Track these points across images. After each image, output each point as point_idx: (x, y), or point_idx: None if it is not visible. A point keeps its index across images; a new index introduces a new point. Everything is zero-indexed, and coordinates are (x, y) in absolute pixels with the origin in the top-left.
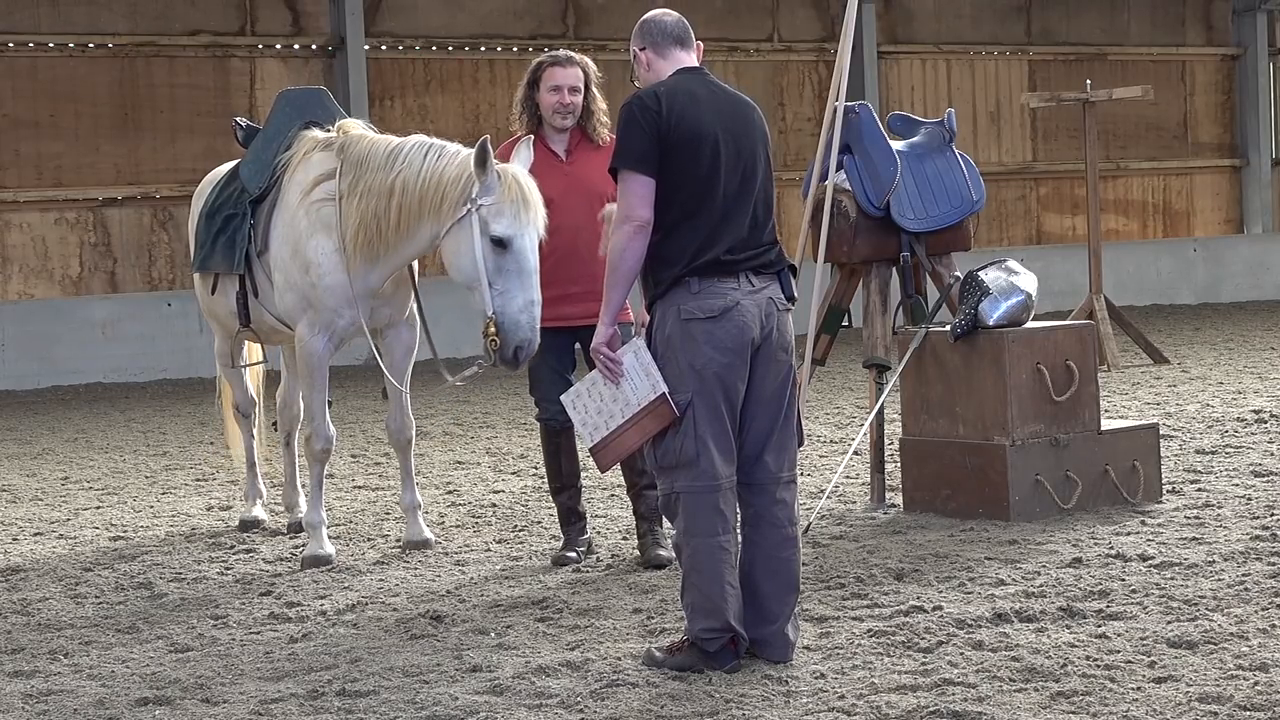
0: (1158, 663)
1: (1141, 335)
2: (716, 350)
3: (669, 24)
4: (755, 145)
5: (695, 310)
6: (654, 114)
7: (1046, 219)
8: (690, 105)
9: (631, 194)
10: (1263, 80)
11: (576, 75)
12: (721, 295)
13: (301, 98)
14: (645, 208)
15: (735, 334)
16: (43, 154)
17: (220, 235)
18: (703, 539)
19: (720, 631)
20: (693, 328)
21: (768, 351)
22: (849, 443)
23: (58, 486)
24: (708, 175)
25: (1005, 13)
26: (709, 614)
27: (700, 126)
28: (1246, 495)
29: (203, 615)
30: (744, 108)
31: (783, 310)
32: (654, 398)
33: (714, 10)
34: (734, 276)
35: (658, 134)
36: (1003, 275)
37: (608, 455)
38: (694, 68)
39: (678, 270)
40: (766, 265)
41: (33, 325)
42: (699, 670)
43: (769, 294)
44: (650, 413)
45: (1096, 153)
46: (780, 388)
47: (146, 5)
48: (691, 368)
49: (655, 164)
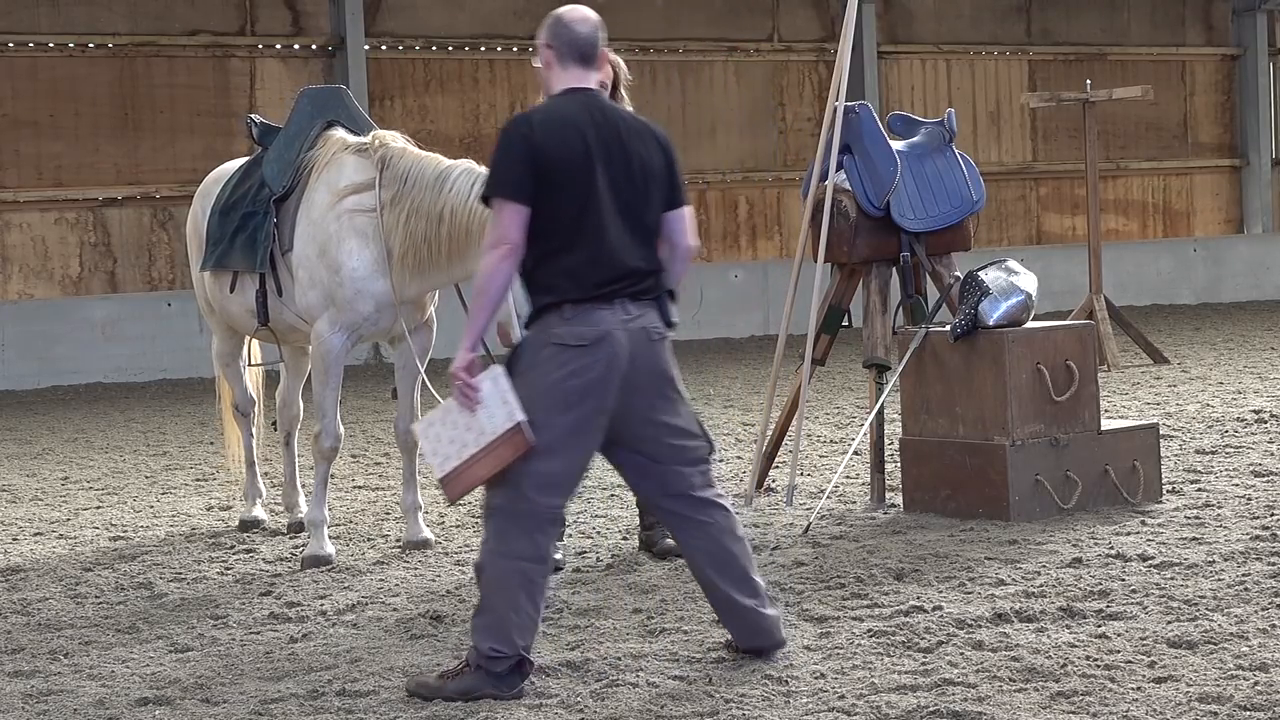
0: (1158, 663)
1: (1141, 335)
2: (579, 379)
3: (580, 38)
4: (642, 173)
5: (566, 336)
6: (528, 141)
7: (1046, 219)
8: (567, 132)
9: (503, 219)
10: (1263, 80)
11: (605, 72)
12: (594, 324)
13: (322, 96)
14: (517, 232)
15: (602, 363)
16: (43, 154)
17: (239, 233)
18: (508, 560)
19: (507, 655)
20: (561, 353)
21: (640, 378)
22: (849, 443)
23: (58, 486)
24: (584, 203)
25: (1005, 13)
26: (499, 635)
27: (576, 155)
28: (1246, 495)
29: (203, 615)
30: (636, 135)
31: (657, 339)
32: (510, 426)
33: (714, 10)
34: (609, 304)
35: (532, 160)
36: (1003, 275)
37: (457, 486)
38: (584, 89)
39: (553, 297)
40: (644, 292)
41: (33, 325)
42: (481, 694)
43: (643, 322)
44: (506, 442)
45: (1096, 153)
46: (665, 409)
47: (146, 5)
48: (549, 393)
49: (529, 191)
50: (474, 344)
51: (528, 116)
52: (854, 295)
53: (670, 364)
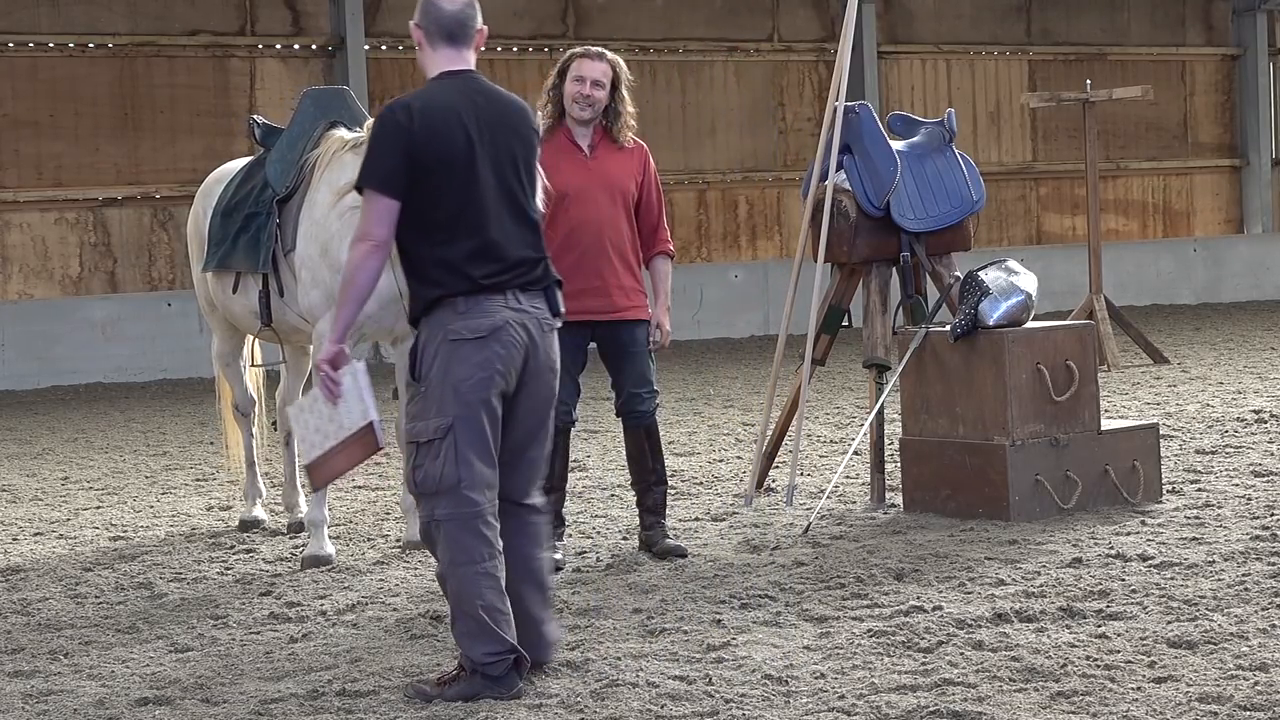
0: (1158, 663)
1: (1141, 335)
2: (483, 371)
3: (446, 16)
4: (519, 158)
5: (463, 330)
6: (405, 130)
7: (1046, 219)
8: (447, 119)
9: (371, 213)
10: (1263, 80)
11: (603, 70)
12: (488, 315)
13: (325, 97)
14: (383, 228)
15: (502, 354)
16: (43, 154)
17: (241, 234)
18: (468, 567)
19: (504, 654)
20: (460, 348)
21: (534, 369)
22: (849, 443)
23: (58, 486)
24: (467, 192)
25: (1005, 13)
26: (489, 638)
27: (457, 143)
28: (1246, 495)
29: (203, 615)
30: (512, 116)
31: (549, 330)
32: (362, 425)
33: (714, 10)
34: (501, 294)
35: (408, 152)
36: (1003, 275)
37: (320, 474)
38: (460, 71)
39: (442, 290)
40: (534, 282)
41: (33, 325)
42: (480, 698)
43: (535, 312)
44: (358, 440)
45: (1096, 153)
46: (543, 405)
47: (146, 5)
48: (456, 390)
49: (400, 184)
50: (340, 336)
51: (407, 104)
52: (854, 295)
53: (558, 358)
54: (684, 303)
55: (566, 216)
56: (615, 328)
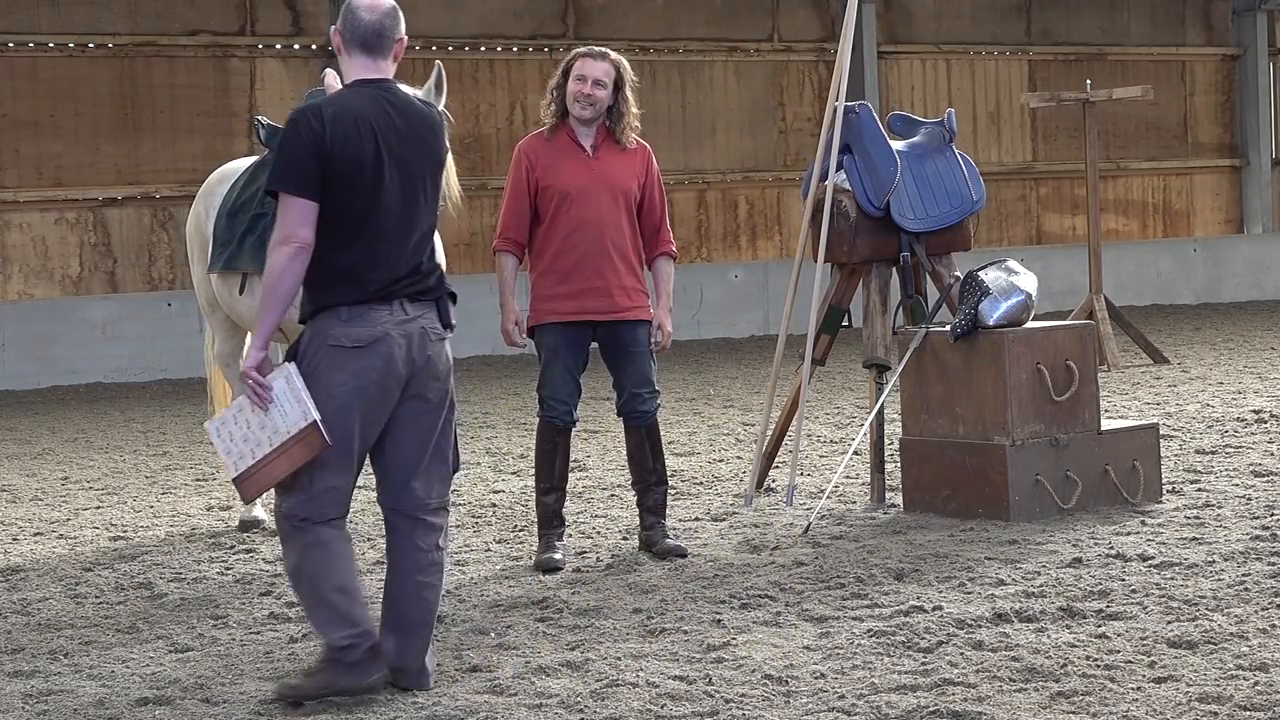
0: (1158, 663)
1: (1141, 335)
2: (358, 380)
3: (362, 26)
4: (425, 169)
5: (342, 338)
6: (317, 135)
7: (1046, 219)
8: (355, 129)
9: (292, 215)
10: (1263, 80)
11: (605, 70)
12: (370, 325)
13: None
14: (305, 229)
15: (380, 365)
16: (43, 154)
17: (248, 235)
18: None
19: (358, 638)
20: (337, 355)
21: (419, 381)
22: (849, 443)
23: (58, 486)
24: (368, 203)
25: (1005, 13)
26: (340, 621)
27: (363, 153)
28: (1246, 495)
29: (203, 615)
30: (421, 129)
31: (436, 340)
32: (305, 425)
33: (714, 10)
34: (387, 304)
35: (320, 156)
36: (1003, 275)
37: (251, 486)
38: (373, 80)
39: (331, 297)
40: (424, 292)
41: (33, 325)
42: (339, 690)
43: (423, 323)
44: (301, 441)
45: (1096, 153)
46: (431, 416)
47: (146, 5)
48: (328, 395)
49: (316, 186)
50: (264, 343)
51: (319, 109)
52: (854, 295)
53: (449, 368)
54: (684, 303)
55: (568, 216)
56: (616, 328)
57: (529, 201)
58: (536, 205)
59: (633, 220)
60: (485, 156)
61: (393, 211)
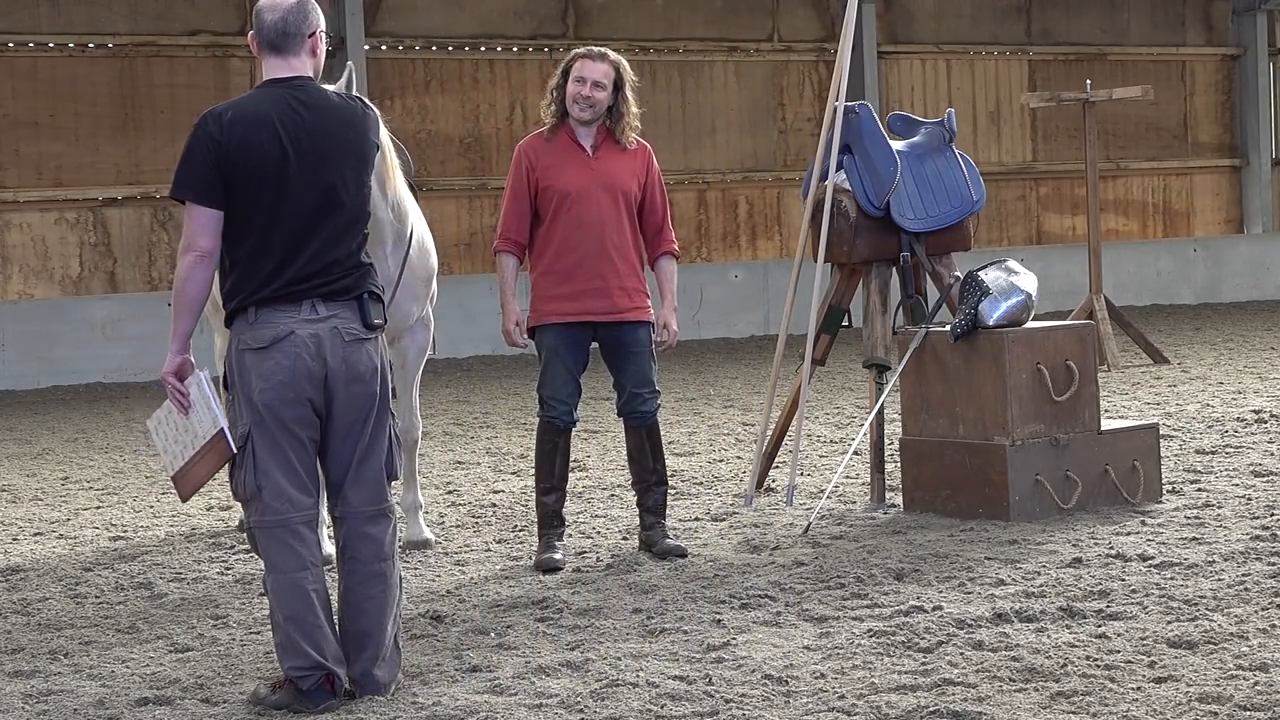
0: (1158, 663)
1: (1141, 335)
2: (266, 382)
3: (266, 26)
4: (345, 165)
5: (250, 341)
6: (215, 141)
7: (1046, 219)
8: (257, 131)
9: (193, 223)
10: (1263, 80)
11: (604, 71)
12: (274, 325)
13: None
14: (206, 237)
15: (286, 365)
16: (43, 154)
17: None
18: (280, 575)
19: (310, 669)
20: (246, 358)
21: (338, 382)
22: (849, 443)
23: (58, 486)
24: (273, 204)
25: (1005, 13)
26: (296, 652)
27: (266, 154)
28: (1246, 495)
29: (203, 615)
30: (337, 124)
31: (352, 339)
32: (214, 433)
33: (714, 10)
34: (296, 305)
35: (218, 162)
36: (1003, 275)
37: (184, 485)
38: (283, 80)
39: (240, 298)
40: (341, 291)
41: (33, 325)
42: (295, 711)
43: (336, 322)
44: (211, 448)
45: (1096, 153)
46: (359, 419)
47: (146, 5)
48: (248, 400)
49: (218, 193)
50: (181, 347)
51: (218, 114)
52: (854, 295)
53: (373, 369)
54: (684, 303)
55: (568, 217)
56: (617, 328)
57: (529, 202)
58: (537, 206)
59: (633, 220)
60: (485, 156)
61: (305, 211)
